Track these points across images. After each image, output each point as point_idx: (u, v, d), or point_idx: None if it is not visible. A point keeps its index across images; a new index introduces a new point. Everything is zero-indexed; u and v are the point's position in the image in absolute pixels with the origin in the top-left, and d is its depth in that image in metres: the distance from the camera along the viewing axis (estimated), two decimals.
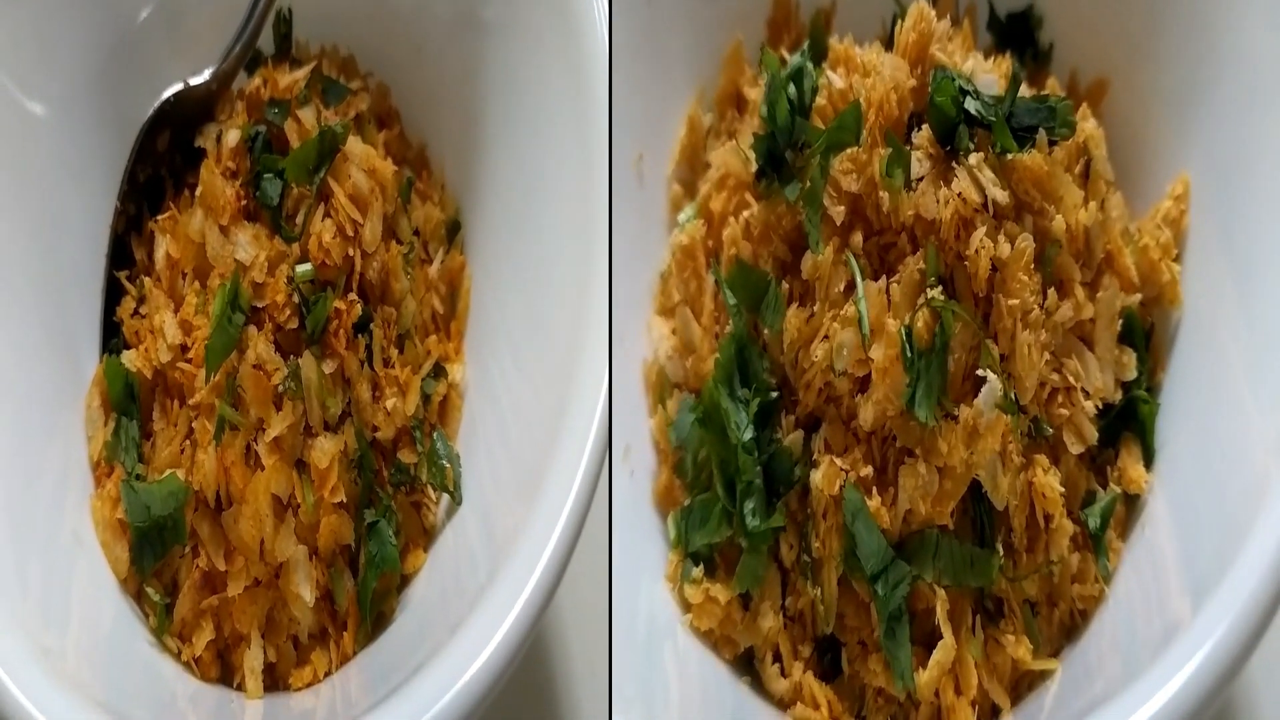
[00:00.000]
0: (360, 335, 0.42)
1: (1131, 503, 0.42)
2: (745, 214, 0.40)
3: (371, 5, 0.48)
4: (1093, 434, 0.40)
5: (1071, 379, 0.40)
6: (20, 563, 0.38)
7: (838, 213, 0.38)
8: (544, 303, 0.42)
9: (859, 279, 0.37)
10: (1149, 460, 0.42)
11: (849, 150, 0.38)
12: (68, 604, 0.39)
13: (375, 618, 0.42)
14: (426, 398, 0.45)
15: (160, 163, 0.46)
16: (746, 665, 0.40)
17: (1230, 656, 0.32)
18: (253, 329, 0.41)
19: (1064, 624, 0.40)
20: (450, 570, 0.42)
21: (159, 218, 0.45)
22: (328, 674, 0.41)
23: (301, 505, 0.40)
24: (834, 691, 0.39)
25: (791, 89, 0.39)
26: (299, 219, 0.42)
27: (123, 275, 0.45)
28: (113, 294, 0.45)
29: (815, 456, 0.38)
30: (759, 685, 0.40)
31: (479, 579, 0.38)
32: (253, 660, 0.41)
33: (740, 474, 0.38)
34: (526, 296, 0.44)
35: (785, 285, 0.39)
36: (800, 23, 0.47)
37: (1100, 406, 0.41)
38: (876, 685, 0.38)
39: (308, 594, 0.40)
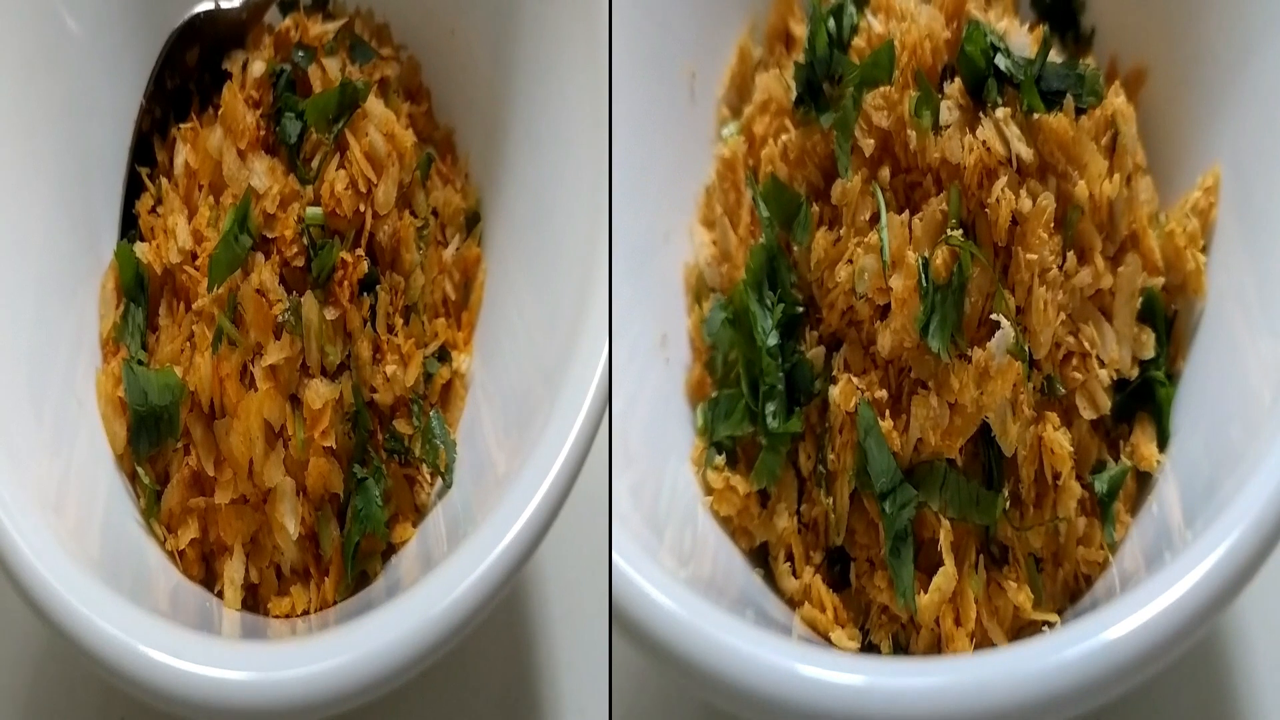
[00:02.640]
0: (366, 294, 0.49)
1: (1144, 481, 0.49)
2: (784, 138, 0.49)
3: None
4: (1106, 403, 0.47)
5: (1087, 345, 0.47)
6: (37, 419, 0.45)
7: (867, 145, 0.46)
8: (553, 305, 0.48)
9: (883, 210, 0.45)
10: (1163, 443, 0.48)
11: (881, 88, 0.46)
12: (69, 468, 0.46)
13: (359, 577, 0.49)
14: (429, 377, 0.51)
15: (189, 76, 0.54)
16: (760, 561, 0.48)
17: (1222, 584, 0.37)
18: (260, 256, 0.48)
19: (1068, 585, 0.47)
20: (438, 548, 0.49)
21: (181, 126, 0.52)
22: (306, 613, 0.48)
23: (292, 439, 0.47)
24: (841, 601, 0.46)
25: (831, 23, 0.48)
26: (315, 163, 0.49)
27: (144, 172, 0.53)
28: (133, 187, 0.53)
29: (835, 373, 0.46)
30: (771, 582, 0.47)
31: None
32: (233, 572, 0.47)
33: (764, 376, 0.46)
34: (539, 298, 0.50)
35: (816, 209, 0.48)
36: None
37: (1115, 378, 0.48)
38: (881, 602, 0.45)
39: (292, 526, 0.47)
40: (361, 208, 0.49)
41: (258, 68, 0.52)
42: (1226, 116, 0.50)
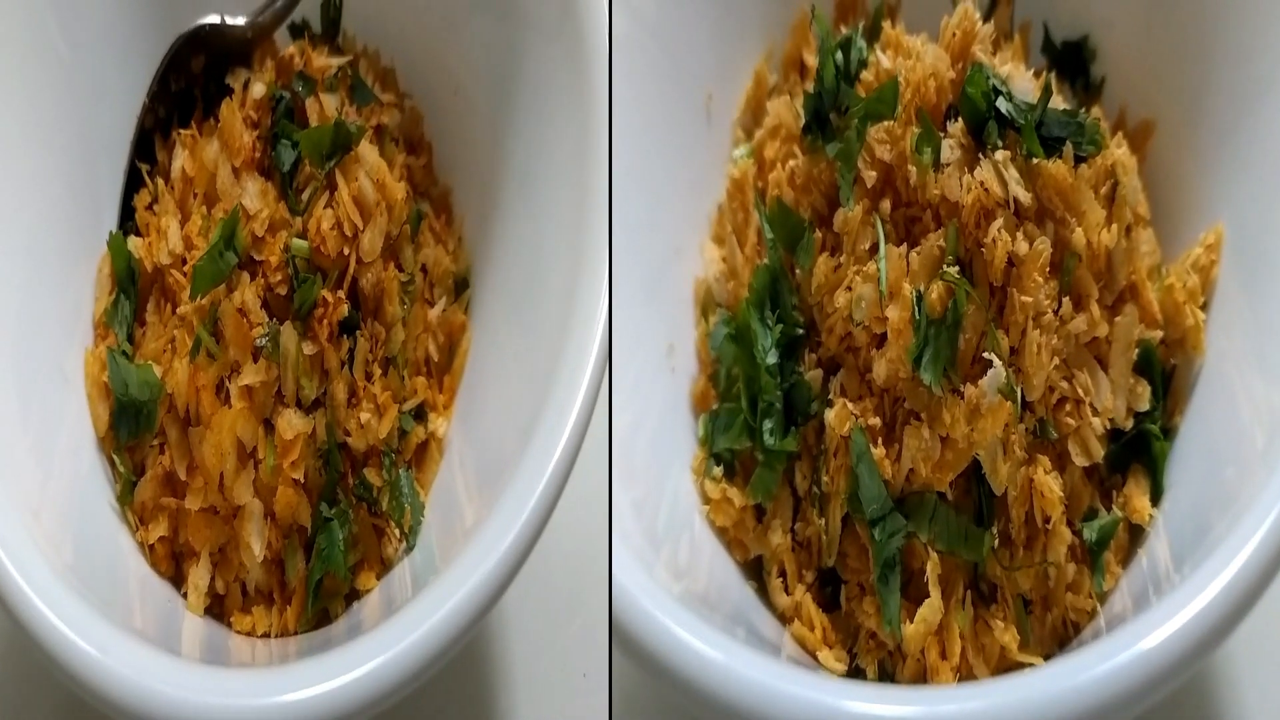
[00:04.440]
0: (345, 338, 0.53)
1: (1136, 534, 0.53)
2: (791, 163, 0.54)
3: (421, 33, 0.61)
4: (1099, 451, 0.51)
5: (1081, 391, 0.51)
6: (24, 408, 0.49)
7: (870, 176, 0.51)
8: (534, 374, 0.51)
9: (882, 241, 0.50)
10: (1156, 497, 0.53)
11: (885, 122, 0.51)
12: (55, 443, 0.51)
13: (321, 613, 0.53)
14: (404, 434, 0.55)
15: (194, 82, 0.59)
16: (754, 573, 0.53)
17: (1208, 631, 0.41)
18: (245, 275, 0.52)
19: (1056, 630, 0.51)
20: (401, 596, 0.52)
21: (182, 131, 0.57)
22: (267, 635, 0.52)
23: (263, 463, 0.51)
24: (830, 622, 0.50)
25: (840, 56, 0.53)
26: (306, 195, 0.54)
27: (145, 169, 0.58)
28: (134, 180, 0.58)
29: (831, 397, 0.51)
30: (764, 595, 0.52)
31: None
32: (198, 578, 0.51)
33: (762, 393, 0.51)
34: (523, 372, 0.54)
35: (819, 234, 0.53)
36: (867, 8, 0.61)
37: (1108, 427, 0.52)
38: (870, 627, 0.50)
39: (257, 547, 0.51)
40: (346, 250, 0.53)
41: (258, 89, 0.57)
42: (1233, 173, 0.55)
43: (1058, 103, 0.53)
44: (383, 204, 0.54)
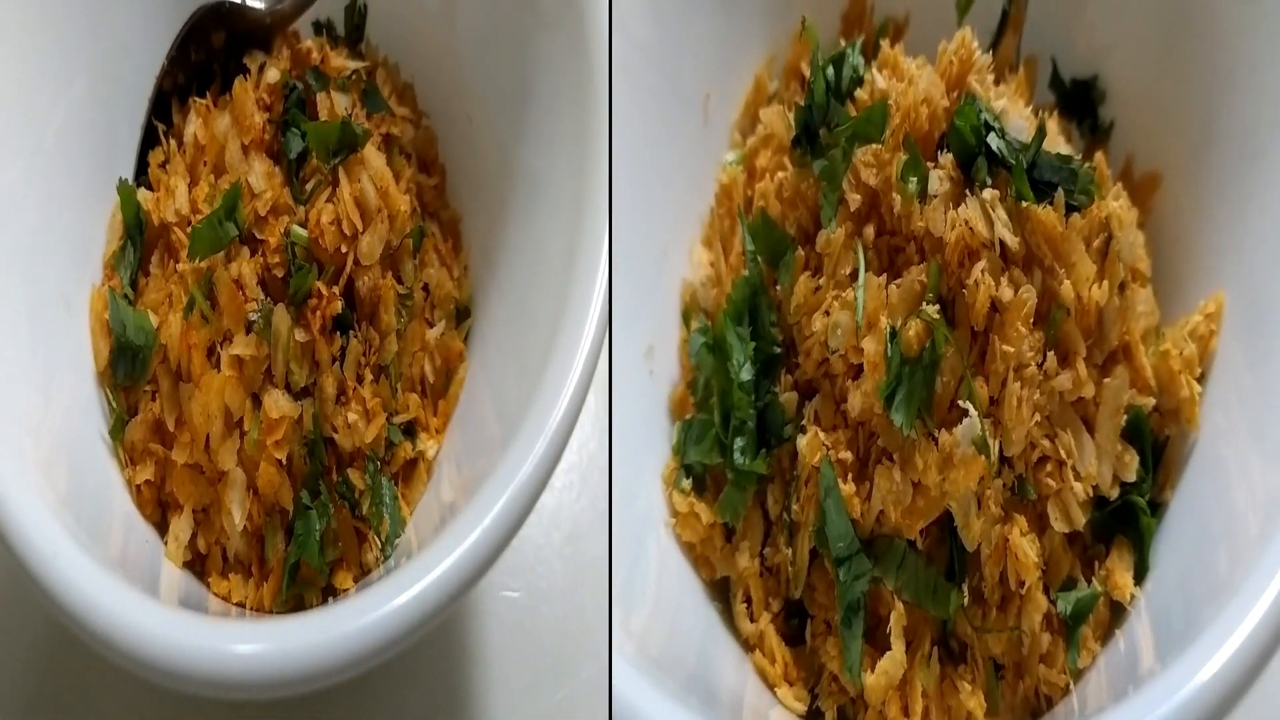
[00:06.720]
0: (339, 335, 0.56)
1: (1117, 611, 0.53)
2: (780, 175, 0.55)
3: (443, 59, 0.65)
4: (1080, 518, 0.51)
5: (1063, 453, 0.51)
6: (32, 334, 0.53)
7: (854, 199, 0.51)
8: (521, 406, 0.53)
9: (862, 268, 0.50)
10: (1140, 574, 0.52)
11: (873, 145, 0.52)
12: (57, 370, 0.54)
13: (297, 599, 0.56)
14: (391, 445, 0.58)
15: (215, 57, 0.62)
16: (721, 593, 0.53)
17: None
18: (245, 250, 0.56)
19: (1028, 701, 0.50)
20: None
21: (198, 100, 0.61)
22: (242, 605, 0.55)
23: (247, 436, 0.54)
24: (794, 656, 0.50)
25: (831, 71, 0.55)
26: (309, 186, 0.57)
27: (161, 128, 0.61)
28: (150, 138, 0.62)
29: (805, 423, 0.51)
30: (729, 617, 0.52)
31: None
32: (179, 529, 0.55)
33: (735, 410, 0.52)
34: (517, 407, 0.54)
35: (802, 252, 0.53)
36: (872, 25, 0.63)
37: (1092, 494, 0.52)
38: (832, 669, 0.49)
39: (238, 515, 0.54)
40: (344, 249, 0.56)
41: (272, 74, 0.60)
42: (1242, 234, 0.55)
43: (1059, 144, 0.53)
44: (384, 211, 0.57)
